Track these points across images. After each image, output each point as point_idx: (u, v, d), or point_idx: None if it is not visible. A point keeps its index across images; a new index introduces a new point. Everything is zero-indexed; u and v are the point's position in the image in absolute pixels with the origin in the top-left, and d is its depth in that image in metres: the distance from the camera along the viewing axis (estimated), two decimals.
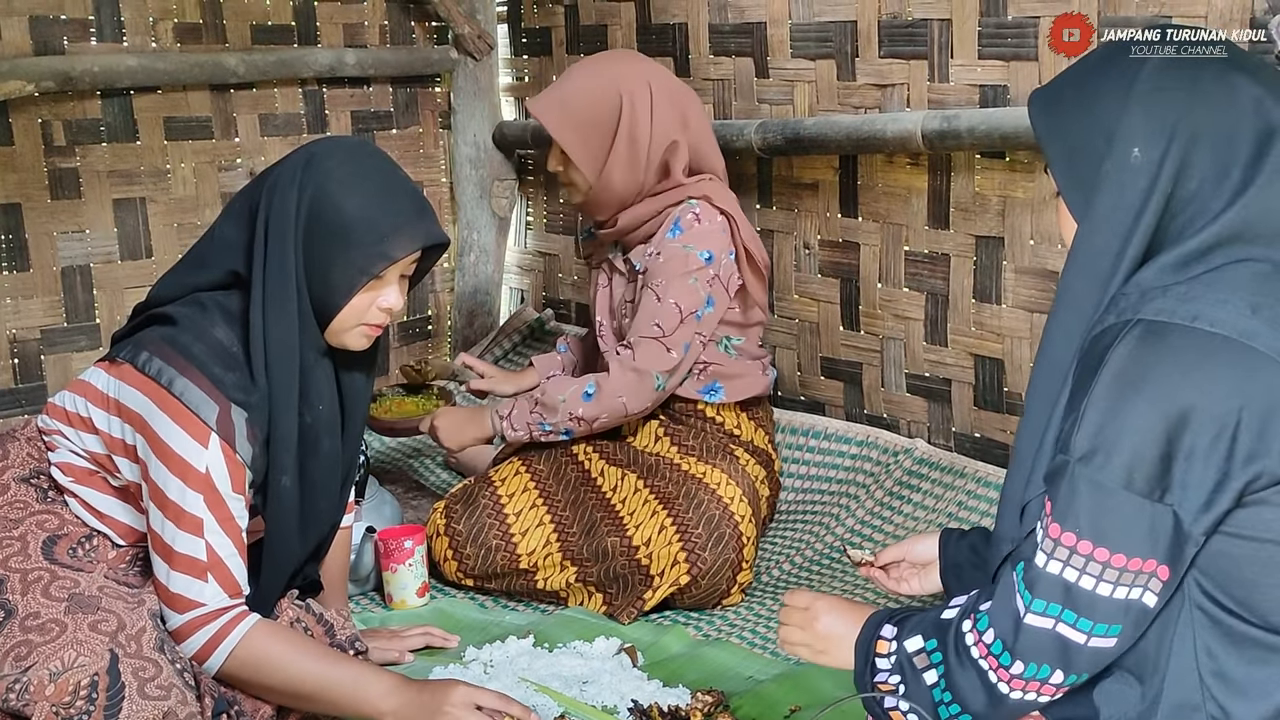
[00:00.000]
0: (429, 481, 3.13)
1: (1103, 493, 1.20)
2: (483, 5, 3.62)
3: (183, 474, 1.67)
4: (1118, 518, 1.20)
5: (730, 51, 3.00)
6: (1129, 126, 1.26)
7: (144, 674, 1.58)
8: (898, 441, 2.69)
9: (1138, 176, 1.26)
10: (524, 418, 2.49)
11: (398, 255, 1.77)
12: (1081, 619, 1.23)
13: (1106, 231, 1.28)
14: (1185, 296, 1.21)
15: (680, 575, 2.30)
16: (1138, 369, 1.20)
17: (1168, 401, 1.17)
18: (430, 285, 3.76)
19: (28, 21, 2.90)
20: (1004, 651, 1.27)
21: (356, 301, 1.77)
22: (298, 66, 3.32)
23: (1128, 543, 1.20)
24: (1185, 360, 1.18)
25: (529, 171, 3.77)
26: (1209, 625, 1.22)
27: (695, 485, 2.39)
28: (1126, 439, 1.19)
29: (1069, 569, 1.22)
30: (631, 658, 2.10)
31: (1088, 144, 1.30)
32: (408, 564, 2.37)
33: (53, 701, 1.52)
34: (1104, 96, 1.29)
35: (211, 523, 1.69)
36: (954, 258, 2.66)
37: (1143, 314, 1.22)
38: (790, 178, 2.94)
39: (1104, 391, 1.21)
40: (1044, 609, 1.24)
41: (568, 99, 2.49)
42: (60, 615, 1.61)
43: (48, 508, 1.78)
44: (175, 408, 1.67)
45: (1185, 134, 1.24)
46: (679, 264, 2.45)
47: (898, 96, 2.67)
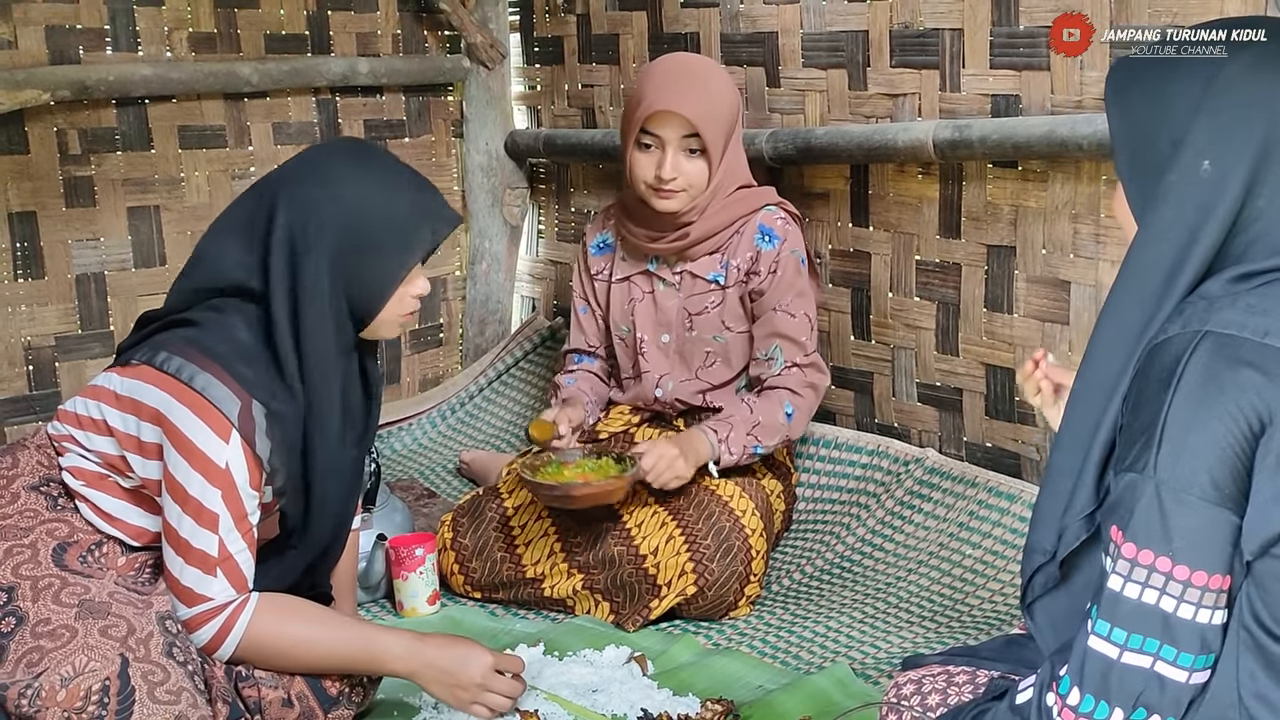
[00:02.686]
0: (440, 489, 3.14)
1: (1190, 510, 1.13)
2: (495, 14, 3.64)
3: (204, 470, 1.68)
4: (1205, 534, 1.13)
5: (742, 61, 3.00)
6: (1200, 136, 1.19)
7: (153, 678, 1.59)
8: (909, 451, 2.68)
9: (1204, 191, 1.18)
10: (740, 441, 2.39)
11: (428, 247, 1.80)
12: (1182, 653, 1.14)
13: (1165, 244, 1.20)
14: (1254, 309, 1.15)
15: (687, 586, 2.30)
16: (1215, 384, 1.13)
17: (1247, 414, 1.12)
18: (442, 294, 3.77)
19: (44, 31, 2.92)
20: (1096, 704, 1.17)
21: (393, 299, 1.81)
22: (311, 75, 3.34)
23: (1212, 559, 1.14)
24: (1259, 376, 1.12)
25: (541, 180, 3.78)
26: (1254, 648, 1.17)
27: (708, 497, 2.38)
28: (1209, 454, 1.13)
29: (1163, 595, 1.14)
30: (641, 666, 2.10)
31: (1154, 147, 1.23)
32: (418, 572, 2.37)
33: (64, 707, 1.52)
34: (1176, 98, 1.21)
35: (227, 519, 1.70)
36: (965, 267, 2.65)
37: (1210, 326, 1.15)
38: (801, 187, 2.94)
39: (1182, 407, 1.14)
40: (1139, 644, 1.15)
41: (707, 97, 2.39)
42: (71, 621, 1.62)
43: (58, 515, 1.79)
44: (198, 403, 1.68)
45: (1260, 149, 1.18)
46: (796, 275, 2.49)
47: (909, 106, 2.67)
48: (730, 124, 2.44)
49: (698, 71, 2.43)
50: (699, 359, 2.59)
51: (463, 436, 3.46)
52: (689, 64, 2.48)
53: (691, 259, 2.54)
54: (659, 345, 2.60)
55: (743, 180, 2.53)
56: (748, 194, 2.52)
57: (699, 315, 2.55)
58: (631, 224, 2.57)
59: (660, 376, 2.61)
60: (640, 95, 2.41)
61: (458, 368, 3.82)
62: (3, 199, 2.93)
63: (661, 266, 2.58)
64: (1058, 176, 2.46)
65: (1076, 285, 2.45)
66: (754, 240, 2.49)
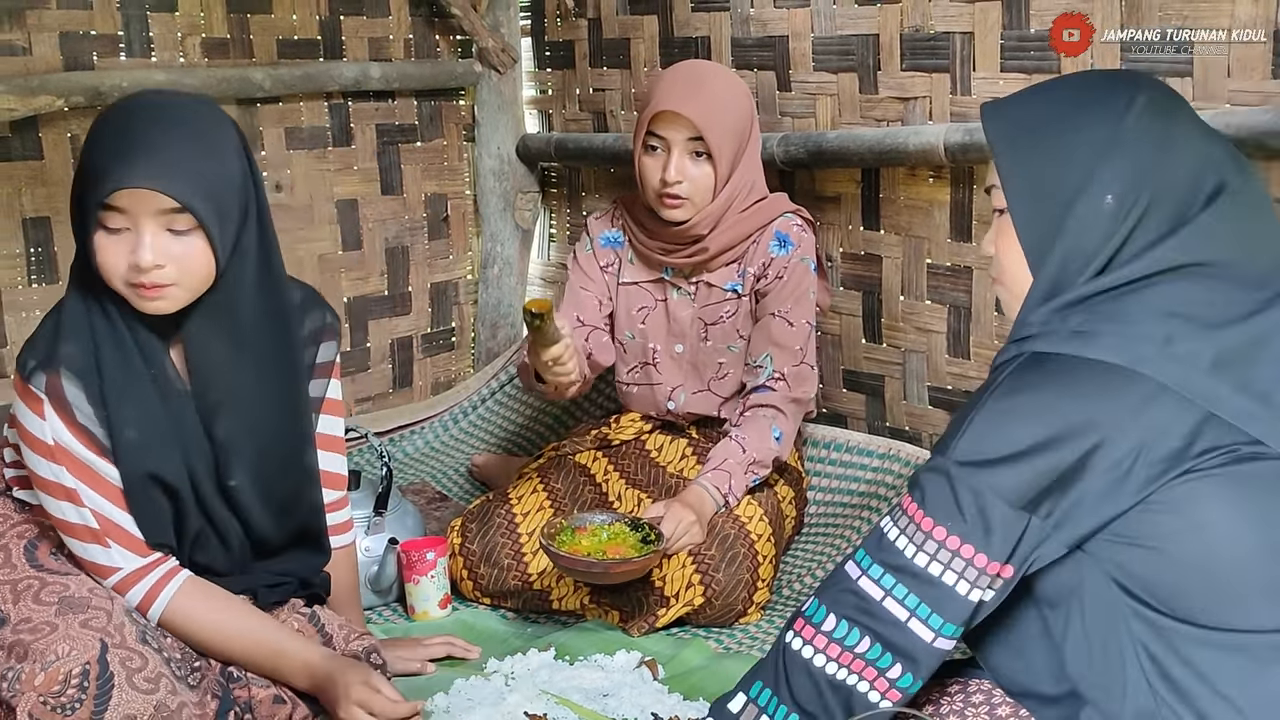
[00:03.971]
0: (452, 493, 3.14)
1: (974, 495, 1.26)
2: (506, 19, 3.65)
3: (41, 451, 1.69)
4: (984, 519, 1.26)
5: (752, 65, 3.00)
6: (1110, 170, 1.29)
7: (131, 664, 1.60)
8: (920, 454, 2.68)
9: (1106, 222, 1.29)
10: (741, 483, 2.38)
11: (100, 197, 1.60)
12: (934, 615, 1.29)
13: (1062, 274, 1.31)
14: (1078, 327, 1.27)
15: (695, 597, 2.28)
16: (1026, 391, 1.27)
17: (1048, 421, 1.24)
18: (454, 297, 3.78)
19: (58, 37, 2.94)
20: (822, 614, 1.36)
21: (105, 257, 1.63)
22: (323, 80, 3.35)
23: (988, 545, 1.26)
24: (1067, 385, 1.25)
25: (552, 184, 3.79)
26: (1149, 630, 1.25)
27: None
28: (1008, 453, 1.25)
29: (932, 561, 1.29)
30: (652, 671, 2.10)
31: (1061, 183, 1.31)
32: (430, 575, 2.38)
33: (41, 692, 1.53)
34: (1088, 136, 1.31)
35: (86, 490, 1.70)
36: (976, 270, 2.65)
37: (1036, 347, 1.29)
38: (812, 190, 2.94)
39: (991, 408, 1.28)
40: (879, 576, 1.32)
41: (714, 101, 2.38)
42: (52, 617, 1.63)
43: (26, 517, 1.81)
44: (21, 388, 1.69)
45: (1157, 184, 1.28)
46: (801, 283, 2.47)
47: (920, 109, 2.67)
48: (740, 133, 2.42)
49: (706, 76, 2.43)
50: (711, 370, 2.58)
51: (475, 440, 3.47)
52: (698, 68, 2.48)
53: (709, 270, 2.53)
54: (673, 356, 2.60)
55: (761, 194, 2.52)
56: (764, 205, 2.51)
57: (714, 325, 2.54)
58: (644, 235, 2.56)
59: (673, 389, 2.61)
60: (648, 98, 2.42)
61: (470, 371, 3.82)
62: (17, 204, 2.95)
63: (677, 275, 2.57)
64: None
65: None
66: (769, 247, 2.48)
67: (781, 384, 2.47)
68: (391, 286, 3.63)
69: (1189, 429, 1.21)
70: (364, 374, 3.60)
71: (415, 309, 3.70)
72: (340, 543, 2.05)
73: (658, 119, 2.37)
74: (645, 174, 2.43)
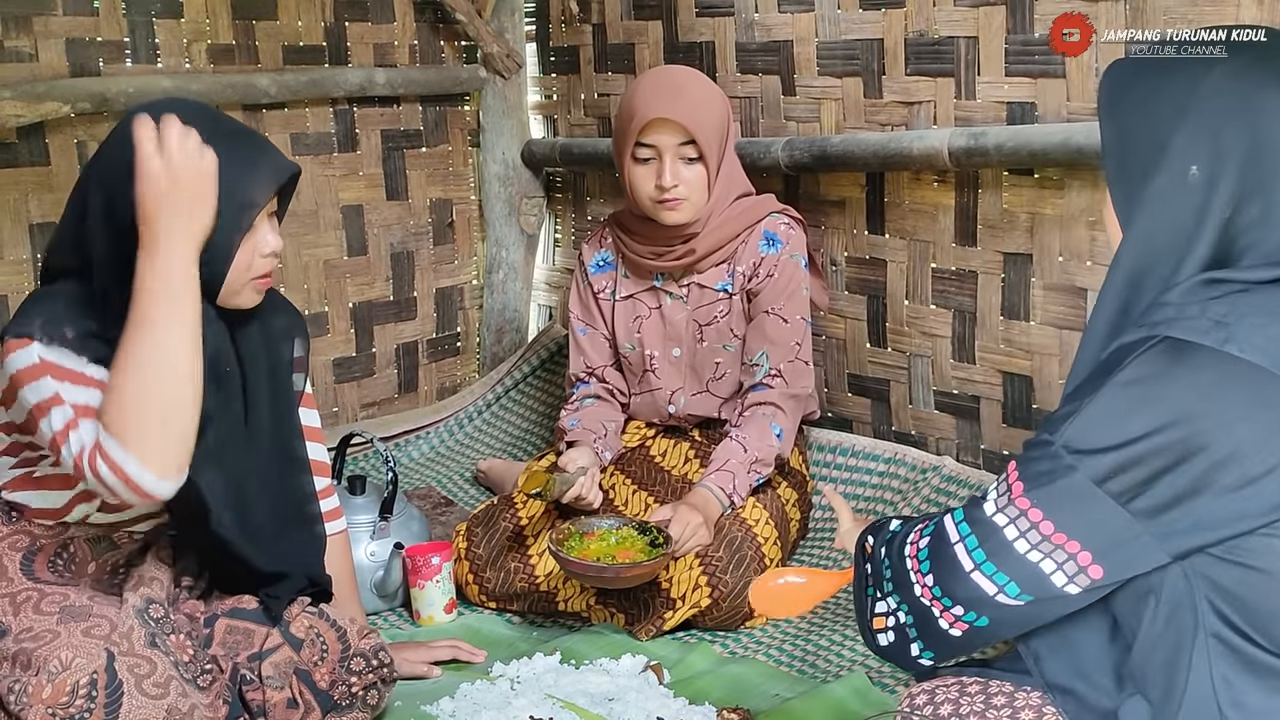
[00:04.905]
0: (457, 497, 3.14)
1: (1077, 486, 1.17)
2: (511, 24, 3.65)
3: (30, 377, 1.60)
4: (1085, 512, 1.18)
5: (757, 69, 3.00)
6: (1186, 140, 1.17)
7: (139, 670, 1.59)
8: (925, 459, 2.68)
9: (1192, 196, 1.16)
10: (745, 483, 2.39)
11: (260, 201, 1.70)
12: (1000, 573, 1.24)
13: (1154, 252, 1.19)
14: (1221, 318, 1.13)
15: (702, 599, 2.29)
16: (1155, 382, 1.13)
17: (1176, 420, 1.12)
18: (459, 303, 3.78)
19: (64, 44, 2.95)
20: (930, 568, 1.31)
21: (239, 260, 1.70)
22: (328, 86, 3.36)
23: (1085, 535, 1.18)
24: (1203, 381, 1.12)
25: (557, 189, 3.79)
26: (1227, 654, 1.18)
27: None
28: (1122, 444, 1.14)
29: (1015, 531, 1.23)
30: (658, 675, 2.10)
31: (1140, 151, 1.20)
32: (435, 580, 2.38)
33: (49, 704, 1.52)
34: (1163, 101, 1.19)
35: (68, 387, 1.59)
36: (981, 275, 2.65)
37: (1173, 332, 1.14)
38: (817, 195, 2.94)
39: (1113, 393, 1.16)
40: (991, 573, 1.25)
41: (698, 103, 2.40)
42: (54, 626, 1.63)
43: (15, 528, 1.78)
44: (9, 344, 1.62)
45: (1247, 154, 1.15)
46: (793, 279, 2.48)
47: (924, 114, 2.67)
48: (723, 130, 2.45)
49: (686, 80, 2.45)
50: (709, 370, 2.59)
51: (480, 445, 3.47)
52: (675, 74, 2.50)
53: (699, 271, 2.54)
54: (670, 360, 2.60)
55: (742, 189, 2.54)
56: (751, 204, 2.53)
57: (708, 326, 2.55)
58: (634, 242, 2.57)
59: (673, 392, 2.62)
60: (632, 109, 2.42)
61: (475, 376, 3.83)
62: (24, 210, 2.96)
63: (668, 281, 2.58)
64: (1074, 184, 2.45)
65: (1094, 292, 2.44)
66: (759, 247, 2.50)
67: (778, 381, 2.48)
68: (397, 292, 3.64)
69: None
70: (369, 379, 3.61)
71: (420, 314, 3.70)
72: (332, 530, 2.06)
73: (648, 128, 2.38)
74: (638, 184, 2.44)
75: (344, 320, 3.54)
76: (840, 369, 2.99)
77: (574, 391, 2.68)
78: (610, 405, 2.67)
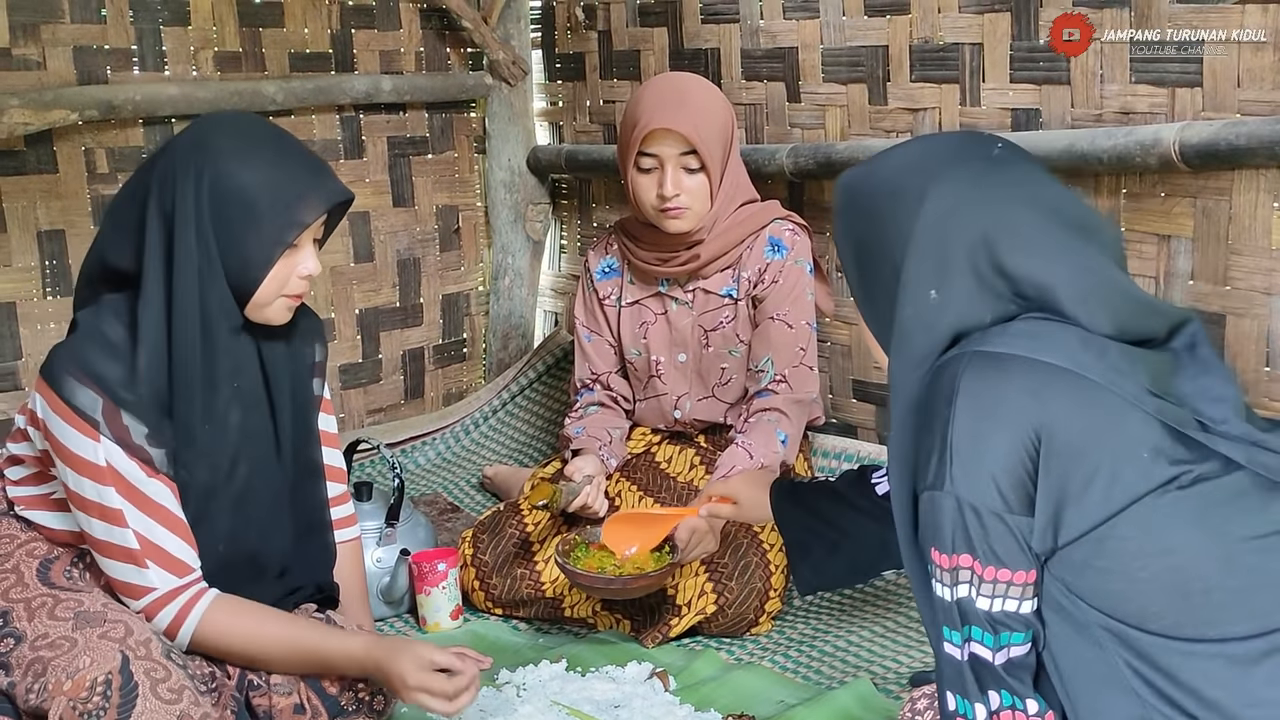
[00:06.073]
0: (463, 503, 3.15)
1: (983, 517, 1.22)
2: (517, 31, 3.66)
3: (90, 473, 1.68)
4: (1004, 539, 1.23)
5: (762, 76, 3.01)
6: (917, 264, 1.28)
7: (155, 674, 1.60)
8: None
9: (941, 313, 1.28)
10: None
11: (309, 219, 1.73)
12: (986, 634, 1.25)
13: (918, 364, 1.30)
14: (1023, 333, 1.24)
15: (707, 605, 2.29)
16: (990, 395, 1.22)
17: (1023, 424, 1.20)
18: (465, 309, 3.79)
19: (72, 52, 2.96)
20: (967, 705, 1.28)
21: (276, 272, 1.74)
22: (335, 93, 3.37)
23: (1015, 559, 1.23)
24: (1031, 385, 1.21)
25: (563, 195, 3.80)
26: (1123, 645, 1.23)
27: None
28: (994, 464, 1.21)
29: (980, 597, 1.24)
30: (663, 682, 2.10)
31: (880, 279, 1.33)
32: (441, 586, 2.38)
33: (70, 697, 1.53)
34: (888, 226, 1.31)
35: (132, 511, 1.69)
36: None
37: (985, 347, 1.24)
38: (822, 201, 2.94)
39: (963, 421, 1.23)
40: (979, 636, 1.25)
41: (700, 113, 2.40)
42: (69, 632, 1.64)
43: (34, 535, 1.81)
44: (65, 410, 1.68)
45: (982, 260, 1.26)
46: (797, 285, 2.49)
47: (929, 120, 2.67)
48: (726, 139, 2.45)
49: (689, 89, 2.45)
50: (715, 376, 2.59)
51: (486, 451, 3.47)
52: (679, 82, 2.49)
53: (704, 276, 2.55)
54: (676, 365, 2.61)
55: (746, 195, 2.54)
56: (756, 210, 2.53)
57: (714, 331, 2.56)
58: (639, 249, 2.57)
59: (679, 397, 2.62)
60: (635, 118, 2.43)
61: (481, 382, 3.83)
62: (32, 218, 2.97)
63: (673, 286, 2.59)
64: (1078, 190, 2.45)
65: None
66: (764, 252, 2.50)
67: (783, 386, 2.48)
68: (403, 298, 3.64)
69: (1153, 445, 1.20)
70: (376, 385, 3.62)
71: (427, 320, 3.71)
72: (346, 537, 2.06)
73: (649, 137, 2.39)
74: (640, 192, 2.45)
75: (350, 326, 3.55)
76: (845, 375, 2.99)
77: (579, 398, 2.68)
78: (615, 412, 2.67)
